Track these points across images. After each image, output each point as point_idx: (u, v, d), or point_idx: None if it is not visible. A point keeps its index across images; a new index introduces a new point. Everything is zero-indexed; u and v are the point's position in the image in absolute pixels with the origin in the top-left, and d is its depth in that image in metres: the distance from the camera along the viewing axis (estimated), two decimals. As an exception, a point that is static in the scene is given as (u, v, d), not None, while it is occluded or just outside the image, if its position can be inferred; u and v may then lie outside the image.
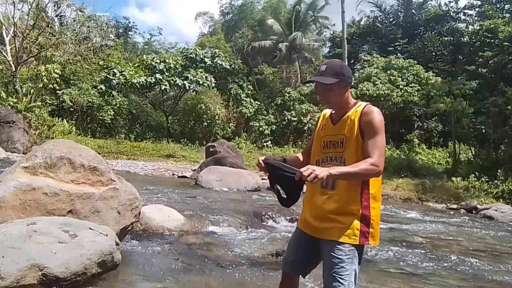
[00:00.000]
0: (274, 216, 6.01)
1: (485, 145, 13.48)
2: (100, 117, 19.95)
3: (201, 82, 20.35)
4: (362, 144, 1.98)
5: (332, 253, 1.97)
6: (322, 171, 1.81)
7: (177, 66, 20.99)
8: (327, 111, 2.21)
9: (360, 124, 2.00)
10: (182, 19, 64.63)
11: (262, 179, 11.57)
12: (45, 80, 16.89)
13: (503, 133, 12.89)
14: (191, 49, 22.95)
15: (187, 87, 20.82)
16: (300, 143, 20.06)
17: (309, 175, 1.78)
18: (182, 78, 20.46)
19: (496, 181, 11.08)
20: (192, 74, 20.53)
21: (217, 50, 23.29)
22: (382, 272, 4.05)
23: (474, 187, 11.02)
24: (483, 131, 13.39)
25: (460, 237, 6.12)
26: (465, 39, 23.64)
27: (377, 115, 2.00)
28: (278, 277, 3.59)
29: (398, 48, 25.09)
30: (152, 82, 20.17)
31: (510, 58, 18.96)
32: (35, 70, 17.84)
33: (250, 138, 20.89)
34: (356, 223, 1.96)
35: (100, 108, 19.89)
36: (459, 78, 17.74)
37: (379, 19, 28.71)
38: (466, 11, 26.58)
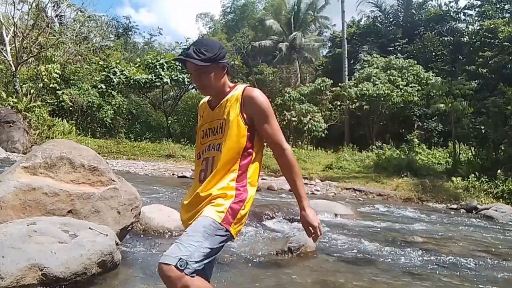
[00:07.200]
0: (274, 216, 6.01)
1: (485, 145, 13.47)
2: (100, 117, 19.96)
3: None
4: (242, 129, 1.83)
5: (190, 224, 1.78)
6: (314, 220, 1.86)
7: (177, 63, 21.06)
8: (205, 99, 2.04)
9: (244, 108, 1.85)
10: (178, 19, 64.86)
11: (262, 179, 11.58)
12: (45, 80, 16.91)
13: (503, 133, 12.88)
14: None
15: (186, 82, 20.85)
16: (300, 143, 20.06)
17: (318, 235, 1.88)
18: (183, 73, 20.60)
19: (496, 181, 11.07)
20: None
21: None
22: (382, 272, 4.04)
23: (474, 187, 11.00)
24: (483, 131, 13.39)
25: (460, 237, 6.12)
26: (465, 39, 23.66)
27: (262, 97, 1.86)
28: (278, 277, 3.60)
29: (398, 48, 25.11)
30: (153, 79, 20.22)
31: (510, 58, 18.99)
32: (35, 70, 17.87)
33: (250, 138, 20.87)
34: (227, 203, 1.77)
35: (100, 108, 19.92)
36: (459, 78, 17.73)
37: (379, 19, 28.72)
38: (466, 11, 26.63)
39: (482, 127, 13.50)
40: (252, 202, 1.88)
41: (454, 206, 10.02)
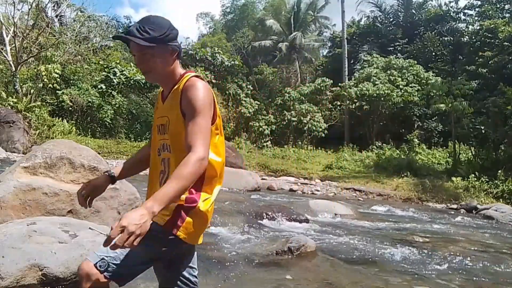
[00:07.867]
0: (274, 216, 6.01)
1: (485, 145, 13.48)
2: (100, 117, 19.96)
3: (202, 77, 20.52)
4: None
5: None
6: (136, 219, 1.29)
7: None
8: (161, 87, 1.76)
9: (181, 102, 1.57)
10: (178, 19, 64.81)
11: (262, 179, 11.57)
12: (45, 80, 16.90)
13: (503, 133, 12.90)
14: (192, 46, 23.08)
15: None
16: (300, 143, 20.06)
17: (124, 240, 1.30)
18: None
19: (496, 181, 11.08)
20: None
21: (216, 48, 23.34)
22: (382, 272, 4.05)
23: (474, 187, 11.01)
24: (483, 131, 13.40)
25: (460, 237, 6.12)
26: (465, 39, 23.67)
27: (200, 90, 1.55)
28: (278, 276, 3.60)
29: (398, 48, 25.11)
30: None
31: (510, 58, 19.00)
32: (35, 70, 17.86)
33: (250, 138, 20.88)
34: (173, 205, 1.55)
35: (100, 108, 19.91)
36: (459, 78, 17.75)
37: (379, 19, 28.73)
38: (466, 11, 26.65)
39: (482, 127, 13.52)
40: (211, 203, 1.67)
41: (454, 206, 10.04)
